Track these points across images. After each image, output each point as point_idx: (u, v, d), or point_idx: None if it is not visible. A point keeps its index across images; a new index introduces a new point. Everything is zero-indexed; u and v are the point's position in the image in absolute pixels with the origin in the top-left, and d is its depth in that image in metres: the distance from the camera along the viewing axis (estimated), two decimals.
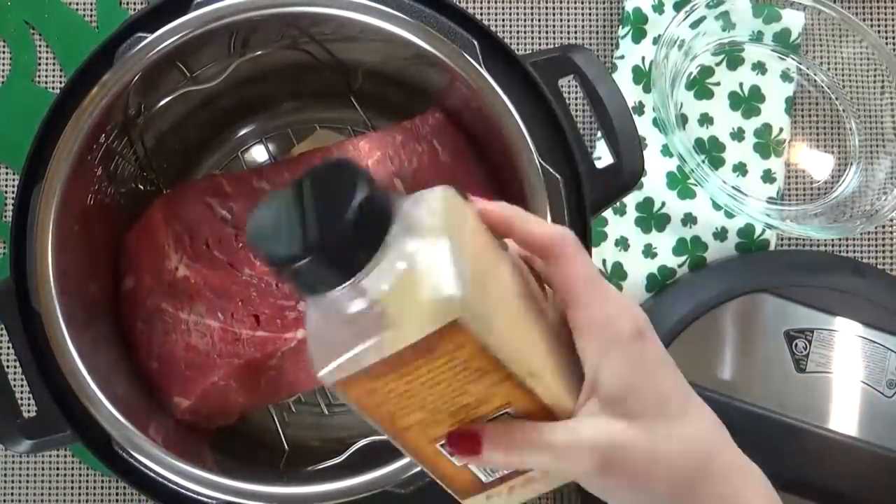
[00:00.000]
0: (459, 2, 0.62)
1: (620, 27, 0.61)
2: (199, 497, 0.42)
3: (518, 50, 0.57)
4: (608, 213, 0.60)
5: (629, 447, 0.31)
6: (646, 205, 0.60)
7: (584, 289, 0.32)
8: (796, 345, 0.54)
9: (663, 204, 0.60)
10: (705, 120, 0.61)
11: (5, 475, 0.59)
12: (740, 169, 0.60)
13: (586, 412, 0.31)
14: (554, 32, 0.63)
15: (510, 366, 0.29)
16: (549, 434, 0.31)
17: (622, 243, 0.60)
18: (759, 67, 0.62)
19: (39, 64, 0.62)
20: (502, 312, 0.30)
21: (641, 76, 0.61)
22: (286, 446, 0.54)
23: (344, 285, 0.28)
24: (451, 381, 0.29)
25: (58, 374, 0.43)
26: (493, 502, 0.34)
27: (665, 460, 0.32)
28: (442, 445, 0.31)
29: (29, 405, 0.56)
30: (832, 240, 0.61)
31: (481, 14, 0.62)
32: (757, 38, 0.62)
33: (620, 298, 0.32)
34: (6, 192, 0.61)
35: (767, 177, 0.60)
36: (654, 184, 0.60)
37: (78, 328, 0.44)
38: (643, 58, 0.61)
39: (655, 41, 0.61)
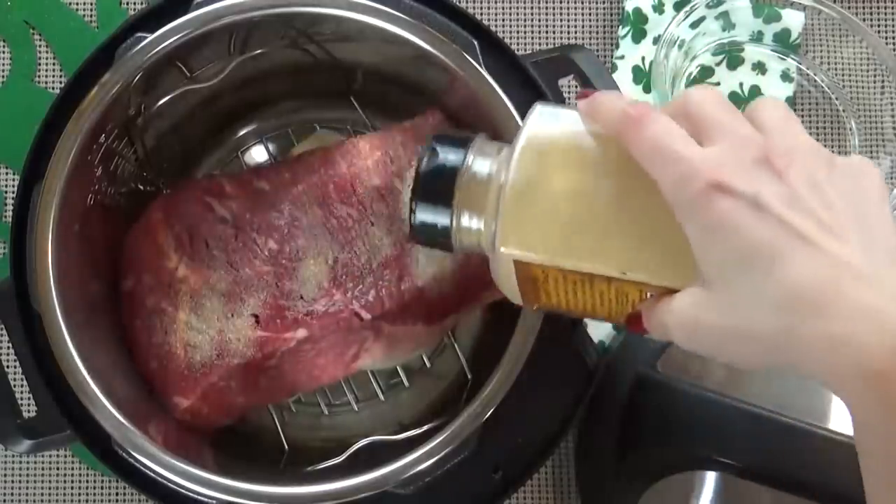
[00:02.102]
0: (459, 2, 0.62)
1: (620, 27, 0.61)
2: (199, 497, 0.42)
3: (518, 50, 0.57)
4: None
5: (702, 319, 0.31)
6: None
7: (650, 162, 0.31)
8: None
9: None
10: None
11: (5, 475, 0.59)
12: None
13: (691, 283, 0.32)
14: (554, 32, 0.63)
15: (599, 273, 0.33)
16: (652, 311, 0.33)
17: None
18: (759, 67, 0.62)
19: (39, 64, 0.62)
20: (575, 230, 0.33)
21: (641, 76, 0.61)
22: (286, 446, 0.54)
23: (447, 228, 0.37)
24: (580, 288, 0.35)
25: (58, 374, 0.43)
26: None
27: (738, 328, 0.30)
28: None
29: (29, 405, 0.56)
30: None
31: (481, 14, 0.62)
32: (757, 38, 0.62)
33: (687, 156, 0.30)
34: (6, 192, 0.61)
35: None
36: None
37: (78, 328, 0.44)
38: (643, 58, 0.61)
39: (655, 41, 0.61)
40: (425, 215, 0.37)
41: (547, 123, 0.35)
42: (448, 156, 0.37)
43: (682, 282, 0.33)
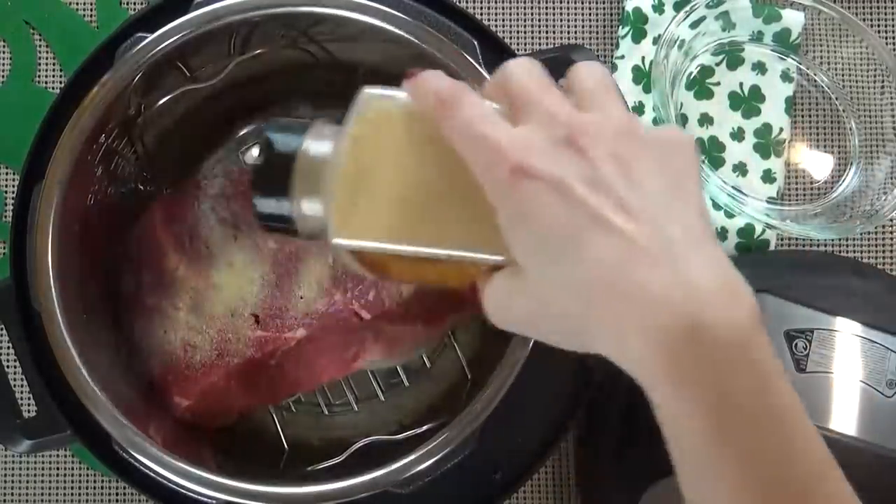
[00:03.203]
0: (459, 2, 0.62)
1: (620, 27, 0.61)
2: (199, 497, 0.42)
3: (518, 50, 0.57)
4: None
5: (513, 302, 0.31)
6: None
7: (461, 145, 0.30)
8: (796, 345, 0.54)
9: None
10: (705, 120, 0.61)
11: (5, 475, 0.59)
12: (740, 169, 0.60)
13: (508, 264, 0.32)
14: (554, 32, 0.63)
15: (428, 255, 0.32)
16: (480, 295, 0.33)
17: None
18: (759, 67, 0.62)
19: (39, 64, 0.62)
20: (400, 214, 0.33)
21: (641, 76, 0.61)
22: (286, 446, 0.54)
23: (290, 216, 0.35)
24: (420, 267, 0.34)
25: (58, 374, 0.43)
26: None
27: (543, 310, 0.30)
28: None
29: (29, 405, 0.56)
30: (832, 240, 0.61)
31: (481, 14, 0.62)
32: (757, 38, 0.62)
33: (495, 139, 0.29)
34: (6, 192, 0.61)
35: (767, 177, 0.60)
36: None
37: (78, 328, 0.44)
38: (643, 58, 0.61)
39: (655, 41, 0.61)
40: (265, 206, 0.36)
41: (375, 107, 0.34)
42: (283, 143, 0.35)
43: (505, 261, 0.32)
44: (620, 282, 0.28)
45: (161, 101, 0.50)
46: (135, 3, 0.62)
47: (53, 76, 0.62)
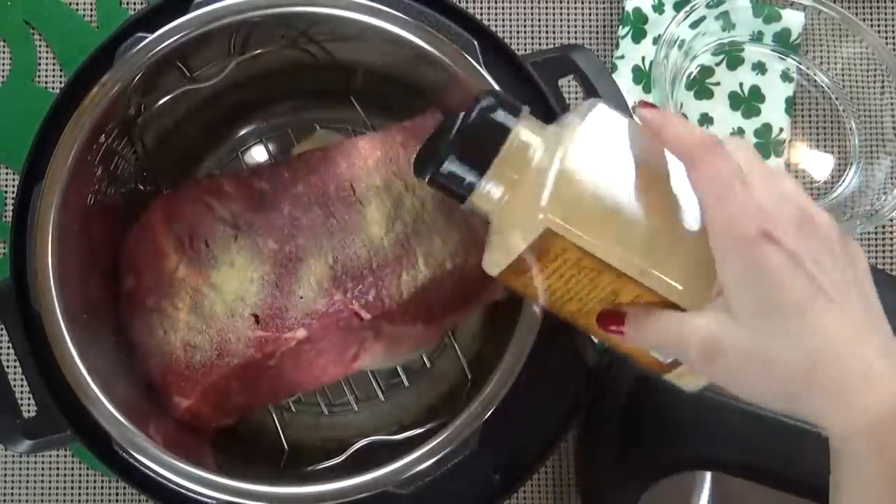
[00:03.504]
0: (459, 2, 0.62)
1: (620, 27, 0.62)
2: (199, 497, 0.42)
3: (518, 50, 0.57)
4: None
5: (727, 344, 0.33)
6: None
7: (710, 191, 0.33)
8: None
9: None
10: (705, 120, 0.61)
11: (5, 475, 0.59)
12: None
13: (710, 307, 0.34)
14: (554, 32, 0.63)
15: (617, 266, 0.35)
16: (664, 321, 0.35)
17: None
18: (759, 67, 0.62)
19: (39, 64, 0.62)
20: (609, 220, 0.35)
21: (641, 76, 0.61)
22: (286, 446, 0.54)
23: (473, 185, 0.36)
24: (578, 276, 0.35)
25: (58, 374, 0.43)
26: (683, 381, 0.39)
27: (762, 360, 0.33)
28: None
29: (29, 405, 0.56)
30: None
31: (481, 14, 0.62)
32: (757, 38, 0.62)
33: (750, 199, 0.33)
34: (6, 192, 0.61)
35: None
36: None
37: (78, 328, 0.44)
38: (643, 58, 0.61)
39: (655, 41, 0.61)
40: (454, 166, 0.36)
41: (606, 120, 0.36)
42: (502, 118, 0.36)
43: (687, 301, 0.35)
44: (850, 355, 0.32)
45: (161, 101, 0.50)
46: (135, 3, 0.62)
47: (53, 76, 0.62)
